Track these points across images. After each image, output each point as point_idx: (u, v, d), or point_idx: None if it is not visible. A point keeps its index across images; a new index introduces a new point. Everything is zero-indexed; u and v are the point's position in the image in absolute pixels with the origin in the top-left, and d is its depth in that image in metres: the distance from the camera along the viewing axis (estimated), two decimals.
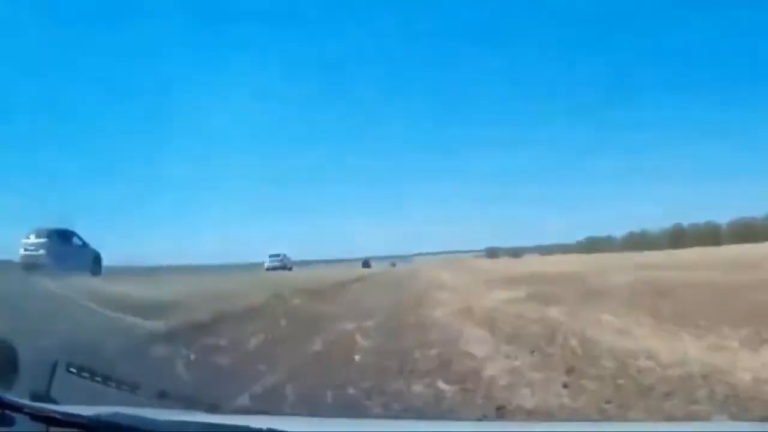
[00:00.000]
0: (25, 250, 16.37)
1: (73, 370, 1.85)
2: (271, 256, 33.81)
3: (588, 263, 24.27)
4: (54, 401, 1.65)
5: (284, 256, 33.95)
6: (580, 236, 66.77)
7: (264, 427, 1.43)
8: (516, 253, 59.18)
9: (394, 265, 55.75)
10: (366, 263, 51.79)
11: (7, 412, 1.47)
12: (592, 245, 61.24)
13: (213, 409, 1.82)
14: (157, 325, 6.16)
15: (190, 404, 1.91)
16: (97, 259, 18.08)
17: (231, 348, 5.32)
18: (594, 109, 78.66)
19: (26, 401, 1.53)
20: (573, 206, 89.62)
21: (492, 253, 65.09)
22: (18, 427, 1.45)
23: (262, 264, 33.57)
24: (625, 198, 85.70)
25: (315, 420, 2.12)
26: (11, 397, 1.51)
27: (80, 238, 18.26)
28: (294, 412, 2.76)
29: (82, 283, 11.15)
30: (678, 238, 54.48)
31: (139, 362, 4.24)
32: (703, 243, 44.25)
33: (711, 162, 78.99)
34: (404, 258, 75.39)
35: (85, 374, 1.88)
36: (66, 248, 16.83)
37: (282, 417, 2.13)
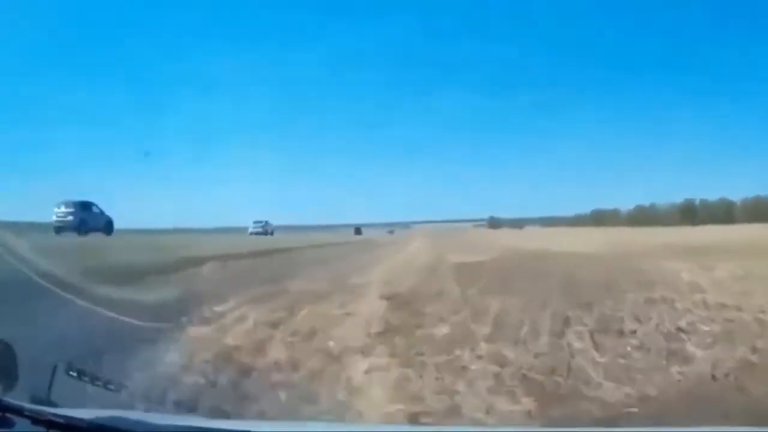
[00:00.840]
0: (57, 216, 20.60)
1: (74, 374, 1.87)
2: (254, 222, 36.25)
3: (607, 241, 18.38)
4: (54, 404, 1.66)
5: (266, 222, 36.61)
6: (582, 209, 66.42)
7: (263, 430, 1.46)
8: (518, 224, 59.26)
9: (392, 232, 56.37)
10: (358, 230, 52.73)
11: (8, 415, 1.48)
12: (598, 218, 60.76)
13: (212, 413, 1.86)
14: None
15: (189, 408, 1.94)
16: (109, 223, 22.20)
17: None
18: (601, 77, 76.70)
19: (27, 404, 1.55)
20: (576, 178, 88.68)
21: (494, 223, 65.19)
22: (19, 429, 1.47)
23: (246, 228, 35.97)
24: (630, 171, 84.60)
25: (313, 423, 2.19)
26: (12, 400, 1.52)
27: (98, 207, 22.49)
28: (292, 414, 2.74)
29: None
30: (690, 214, 53.72)
31: None
32: (717, 220, 43.03)
33: (722, 134, 76.74)
34: (405, 225, 75.69)
35: (86, 377, 1.89)
36: (87, 215, 21.32)
37: (281, 421, 2.18)
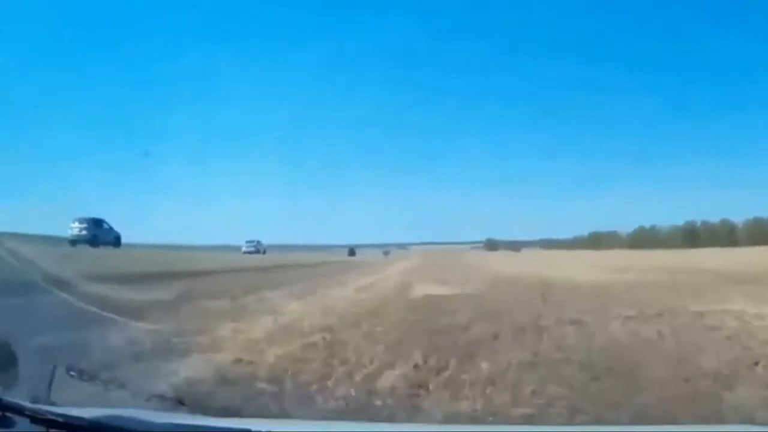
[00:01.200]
0: (72, 231, 23.39)
1: (74, 373, 1.88)
2: (247, 241, 39.35)
3: (616, 265, 16.04)
4: (54, 403, 1.65)
5: (258, 242, 39.79)
6: (580, 232, 65.67)
7: (263, 429, 1.46)
8: (515, 246, 58.65)
9: (387, 253, 56.74)
10: (351, 251, 54.46)
11: (8, 414, 1.48)
12: (596, 241, 60.03)
13: (211, 411, 1.81)
14: None
15: (189, 407, 1.89)
16: (117, 238, 25.00)
17: None
18: (600, 94, 76.81)
19: (27, 403, 1.54)
20: (575, 201, 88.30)
21: (491, 245, 64.55)
22: (18, 429, 1.46)
23: (239, 247, 38.90)
24: (630, 193, 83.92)
25: (312, 422, 2.19)
26: (12, 399, 1.52)
27: (108, 224, 25.22)
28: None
29: None
30: (692, 236, 51.38)
31: None
32: (719, 243, 42.46)
33: (723, 156, 75.87)
34: (403, 246, 75.63)
35: (86, 377, 1.91)
36: (99, 231, 24.04)
37: (280, 420, 2.13)
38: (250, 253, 36.05)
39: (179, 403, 1.95)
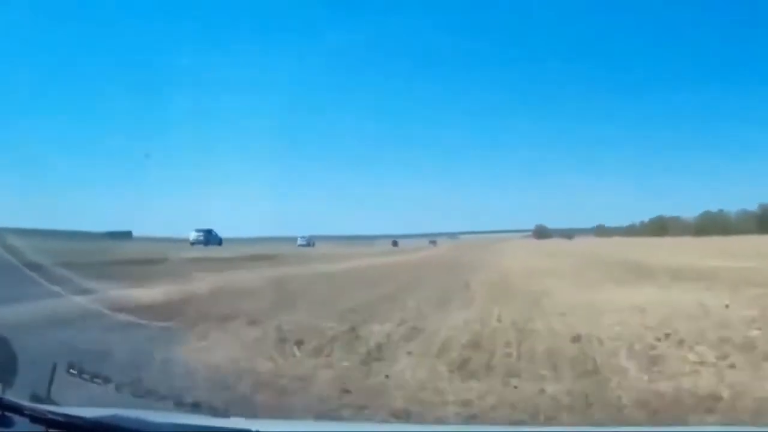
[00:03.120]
0: (192, 237, 36.37)
1: (74, 372, 1.87)
2: (301, 237, 49.04)
3: None
4: (54, 403, 1.65)
5: (310, 236, 49.54)
6: (636, 218, 61.71)
7: (264, 429, 1.43)
8: (567, 234, 57.11)
9: (434, 242, 58.49)
10: (394, 242, 59.59)
11: (7, 413, 1.48)
12: (660, 227, 56.33)
13: (213, 411, 1.80)
14: None
15: (190, 407, 1.89)
16: (220, 240, 37.84)
17: None
18: (666, 74, 71.82)
19: (26, 403, 1.54)
20: (631, 187, 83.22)
21: (541, 233, 63.01)
22: (18, 428, 1.46)
23: (295, 239, 49.18)
24: (689, 178, 77.21)
25: (312, 423, 2.14)
26: (11, 398, 1.52)
27: (215, 232, 38.19)
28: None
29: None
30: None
31: None
32: None
33: None
34: (452, 236, 76.15)
35: (86, 376, 1.88)
36: (210, 236, 36.83)
37: (280, 420, 2.10)
38: (302, 246, 43.56)
39: (179, 403, 1.92)
